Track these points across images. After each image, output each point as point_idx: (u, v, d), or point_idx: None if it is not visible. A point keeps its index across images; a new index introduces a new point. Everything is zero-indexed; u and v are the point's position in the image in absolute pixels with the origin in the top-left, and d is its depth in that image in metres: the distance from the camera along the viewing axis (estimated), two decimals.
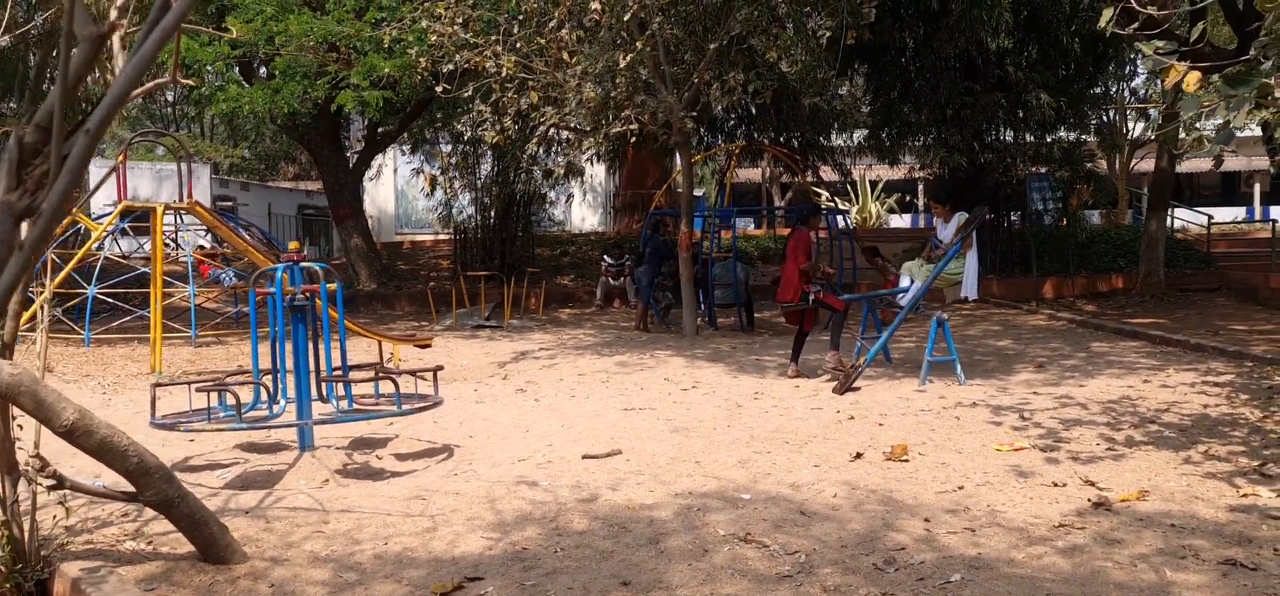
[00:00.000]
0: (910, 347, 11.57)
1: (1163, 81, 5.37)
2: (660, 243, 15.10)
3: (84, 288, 12.75)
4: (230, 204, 32.72)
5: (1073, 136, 19.00)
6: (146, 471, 3.84)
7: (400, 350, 10.90)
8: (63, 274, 11.40)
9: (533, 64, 11.23)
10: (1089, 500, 5.04)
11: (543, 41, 10.93)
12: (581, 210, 29.67)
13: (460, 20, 10.80)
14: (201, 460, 6.66)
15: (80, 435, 3.69)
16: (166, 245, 15.83)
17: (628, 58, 10.63)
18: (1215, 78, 5.30)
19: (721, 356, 11.40)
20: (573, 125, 12.19)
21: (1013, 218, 19.04)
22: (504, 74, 10.74)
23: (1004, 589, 3.87)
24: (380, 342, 10.97)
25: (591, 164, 22.29)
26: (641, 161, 22.05)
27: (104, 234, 11.71)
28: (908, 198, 27.09)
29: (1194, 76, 5.31)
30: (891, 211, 26.73)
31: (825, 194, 27.81)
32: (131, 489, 3.91)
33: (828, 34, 10.98)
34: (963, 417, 7.33)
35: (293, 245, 6.78)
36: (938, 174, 18.73)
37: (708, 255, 15.03)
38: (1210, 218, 20.95)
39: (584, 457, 6.18)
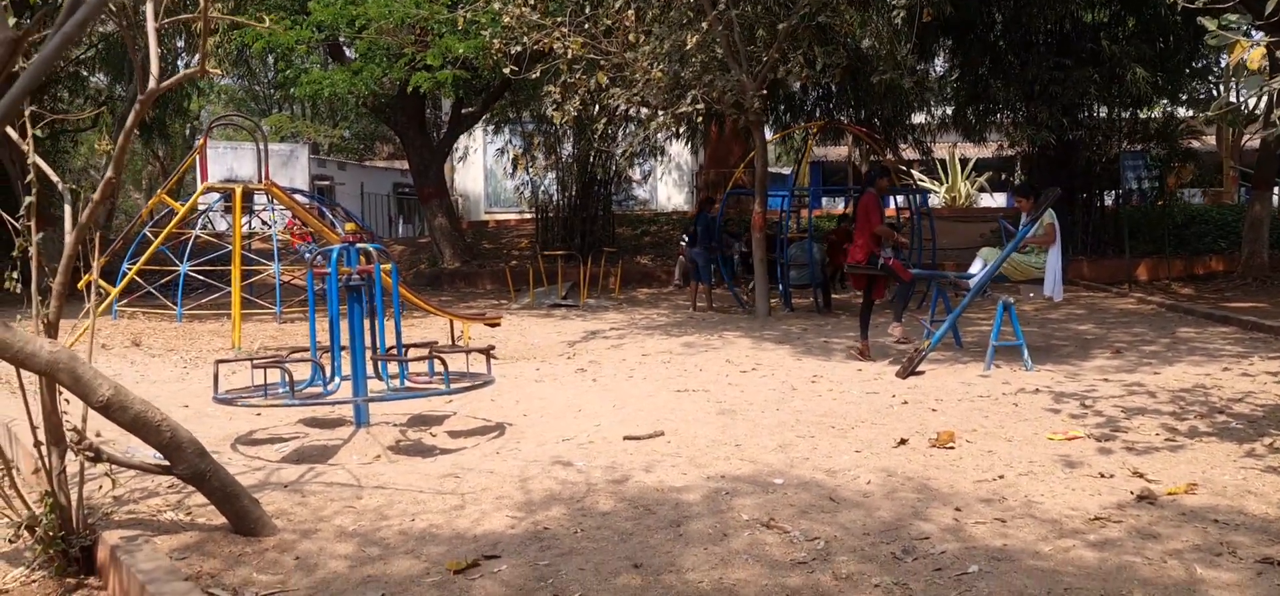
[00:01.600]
0: (985, 331, 11.30)
1: (1228, 58, 5.15)
2: (709, 220, 15.13)
3: (177, 265, 13.28)
4: (328, 183, 33.68)
5: (1170, 111, 18.26)
6: (179, 446, 4.01)
7: (470, 329, 11.10)
8: (149, 253, 11.91)
9: (601, 44, 11.28)
10: (1133, 492, 4.88)
11: (610, 22, 10.96)
12: (666, 189, 29.67)
13: (530, 1, 10.90)
14: (264, 434, 6.91)
15: (115, 410, 3.87)
16: (266, 224, 16.42)
17: (695, 38, 10.58)
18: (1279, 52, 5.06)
19: (790, 338, 11.32)
20: (647, 104, 12.18)
21: (1106, 198, 18.41)
22: (570, 56, 10.80)
23: (1021, 582, 3.78)
24: (451, 321, 11.18)
25: (671, 143, 22.28)
26: (725, 140, 21.92)
27: (186, 213, 12.17)
28: (1003, 176, 26.40)
29: (1258, 53, 5.08)
30: (982, 190, 26.06)
31: (916, 172, 27.32)
32: (166, 462, 4.08)
33: (903, 12, 10.75)
34: (1021, 404, 7.15)
35: (349, 226, 6.97)
36: (1026, 152, 18.22)
37: (784, 235, 14.93)
38: None
39: (625, 438, 6.23)
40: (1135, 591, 3.67)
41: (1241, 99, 5.17)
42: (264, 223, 16.52)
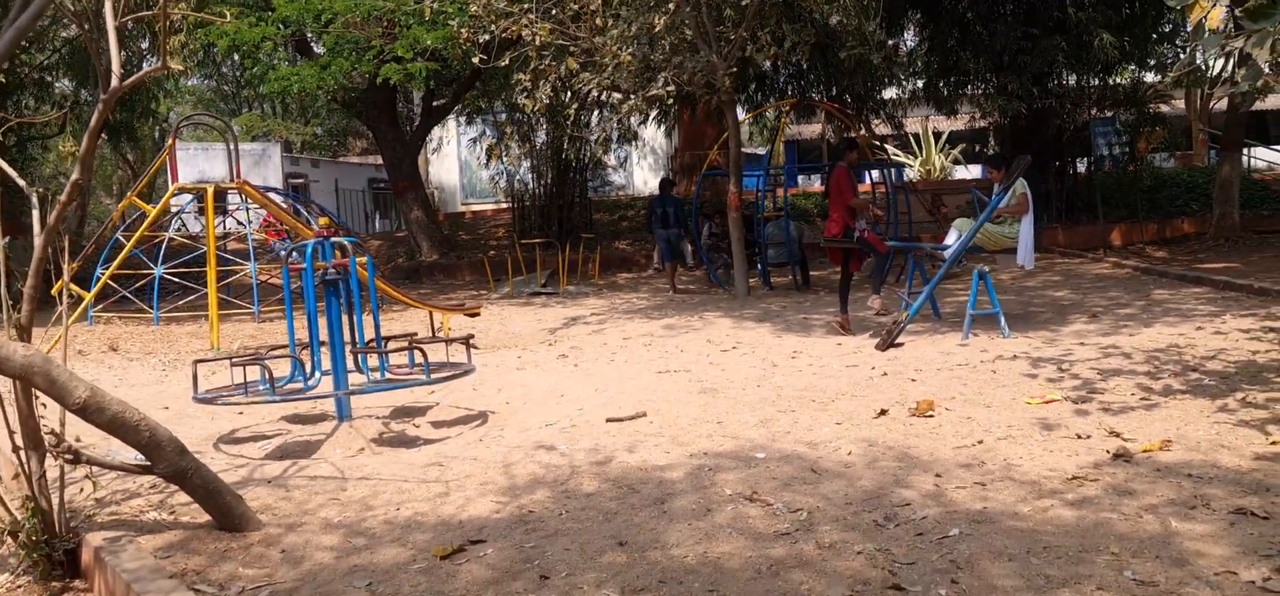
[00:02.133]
0: (963, 301, 11.38)
1: (1187, 17, 5.20)
2: (671, 200, 15.64)
3: (151, 268, 13.20)
4: (301, 181, 33.47)
5: (1137, 76, 18.42)
6: (159, 445, 4.01)
7: (450, 319, 11.09)
8: (122, 257, 11.82)
9: (570, 30, 11.26)
10: (1109, 452, 4.95)
11: (577, 7, 10.94)
12: (643, 173, 29.66)
13: None
14: (247, 432, 6.89)
15: (92, 412, 3.86)
16: (241, 224, 16.32)
17: (663, 19, 10.58)
18: (1238, 11, 5.11)
19: (769, 316, 11.37)
20: (618, 88, 12.18)
21: (1078, 165, 18.56)
22: (538, 42, 10.78)
23: (1001, 542, 3.83)
24: (430, 313, 11.16)
25: (644, 126, 22.27)
26: (698, 122, 21.91)
27: (158, 215, 12.08)
28: (977, 147, 26.58)
29: (1216, 12, 5.14)
30: (956, 162, 26.20)
31: (890, 147, 27.43)
32: (147, 462, 4.07)
33: None
34: (999, 371, 7.22)
35: (322, 221, 6.95)
36: (997, 123, 18.33)
37: (760, 214, 14.98)
38: None
39: (608, 421, 6.25)
40: (1112, 546, 3.72)
41: (1204, 60, 5.20)
42: (238, 222, 16.43)
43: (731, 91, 12.57)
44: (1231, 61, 5.41)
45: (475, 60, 11.23)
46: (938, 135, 26.09)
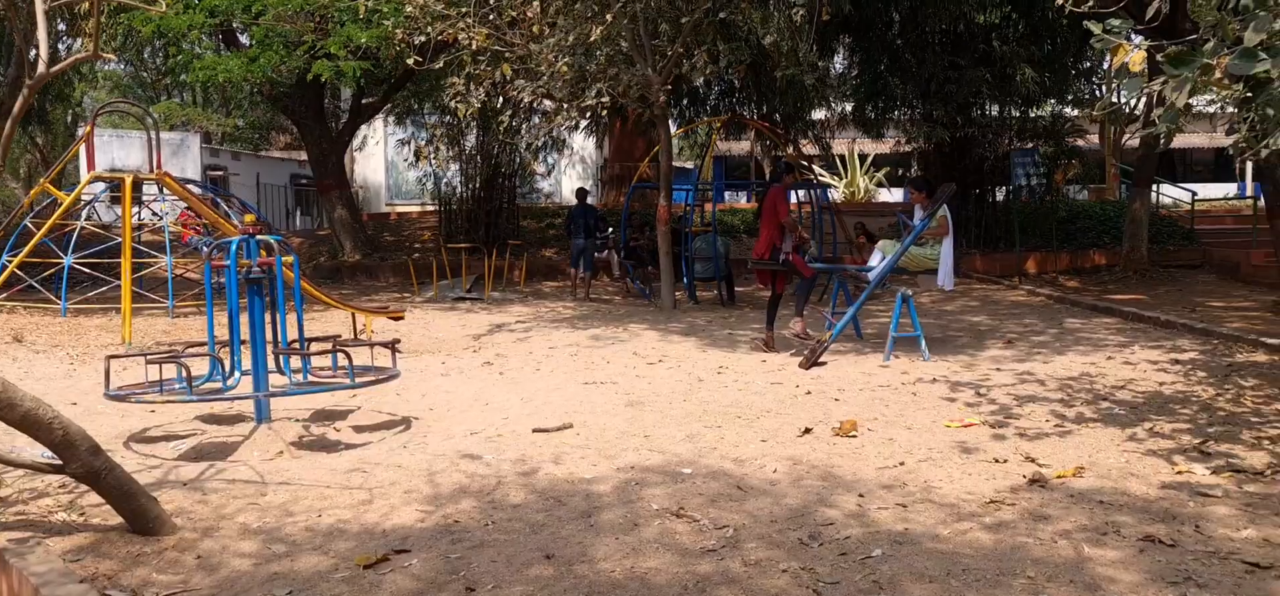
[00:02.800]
0: (885, 323, 11.59)
1: (1111, 60, 5.37)
2: (587, 210, 16.21)
3: (61, 257, 12.76)
4: (221, 173, 32.70)
5: (1057, 110, 18.98)
6: (71, 443, 3.87)
7: (373, 322, 10.92)
8: (31, 245, 11.41)
9: (506, 36, 11.20)
10: (1025, 476, 5.08)
11: (515, 14, 10.90)
12: (570, 181, 29.60)
13: None
14: (159, 431, 6.70)
15: (3, 407, 3.71)
16: (156, 216, 15.86)
17: (599, 30, 10.59)
18: (1160, 57, 5.29)
19: (695, 330, 11.43)
20: (552, 96, 12.15)
21: (997, 193, 19.05)
22: (474, 47, 10.71)
23: (922, 564, 3.91)
24: (353, 314, 10.99)
25: (572, 135, 22.27)
26: (629, 134, 22.00)
27: (71, 204, 11.69)
28: (901, 171, 27.11)
29: (1138, 56, 5.31)
30: (880, 185, 26.69)
31: (817, 168, 27.80)
32: (59, 461, 3.93)
33: (801, 11, 10.94)
34: (920, 393, 7.37)
35: (248, 218, 6.80)
36: (922, 149, 18.72)
37: (689, 228, 15.07)
38: (1194, 194, 20.95)
39: (534, 431, 6.22)
40: (1028, 570, 3.82)
41: (1123, 100, 5.41)
42: (155, 214, 15.98)
43: (664, 106, 12.63)
44: (1149, 102, 5.60)
45: (410, 61, 11.10)
46: (863, 158, 26.54)
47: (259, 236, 6.60)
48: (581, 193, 16.55)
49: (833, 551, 4.07)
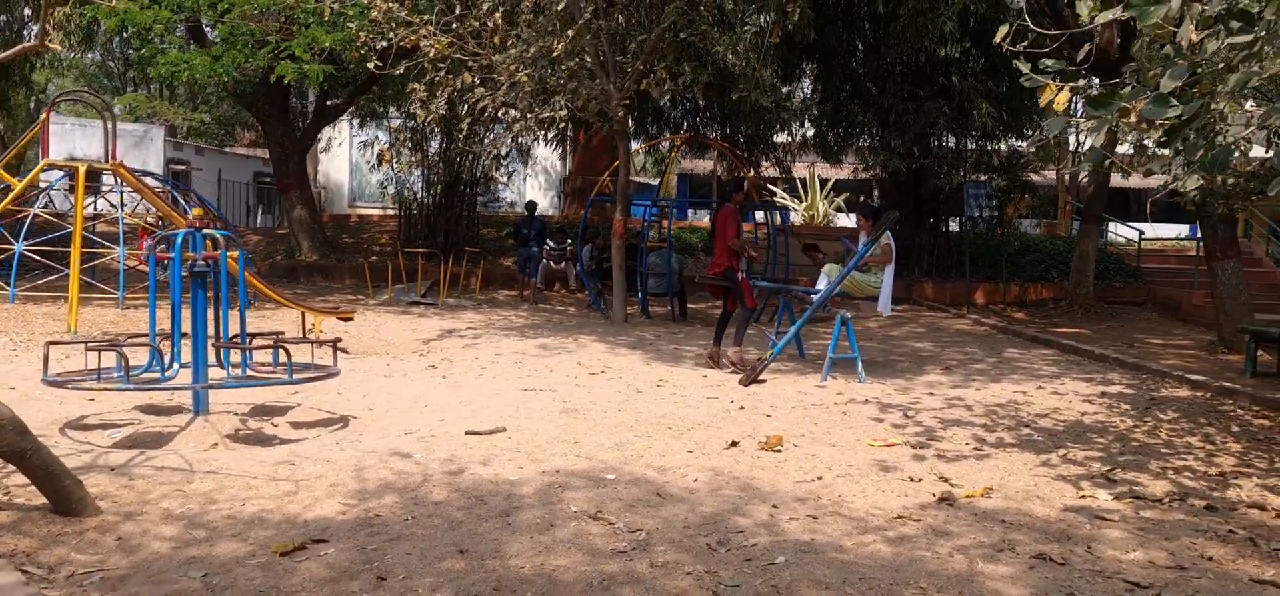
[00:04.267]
0: (827, 344, 11.80)
1: (1039, 100, 5.60)
2: (533, 221, 17.55)
3: (12, 244, 12.71)
4: (184, 168, 32.46)
5: (1013, 145, 19.38)
6: None
7: (322, 321, 10.98)
8: None
9: (469, 45, 11.34)
10: (935, 495, 5.27)
11: (477, 24, 11.04)
12: (533, 192, 29.72)
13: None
14: (96, 419, 6.74)
15: None
16: (113, 206, 15.79)
17: (561, 44, 10.76)
18: (1082, 100, 5.53)
19: (643, 344, 11.59)
20: (513, 106, 12.30)
21: (951, 224, 19.40)
22: (433, 55, 10.84)
23: (822, 572, 4.07)
24: (303, 313, 11.03)
25: (537, 146, 22.42)
26: (592, 148, 22.16)
27: (24, 190, 11.67)
28: (862, 197, 27.51)
29: (1063, 97, 5.55)
30: (839, 210, 27.05)
31: (778, 190, 28.12)
32: None
33: (751, 33, 11.17)
34: (850, 413, 7.56)
35: (196, 212, 6.88)
36: (878, 176, 19.04)
37: (643, 243, 15.25)
38: (1141, 233, 21.42)
39: (467, 433, 6.34)
40: (921, 581, 4.00)
41: (1050, 138, 5.64)
42: (111, 205, 15.92)
43: (624, 121, 12.81)
44: (1092, 141, 5.84)
45: (371, 66, 11.21)
46: (823, 182, 26.90)
47: (205, 230, 6.68)
48: (531, 205, 17.19)
49: (738, 557, 4.22)
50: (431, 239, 19.41)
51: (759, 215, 16.68)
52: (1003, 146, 19.51)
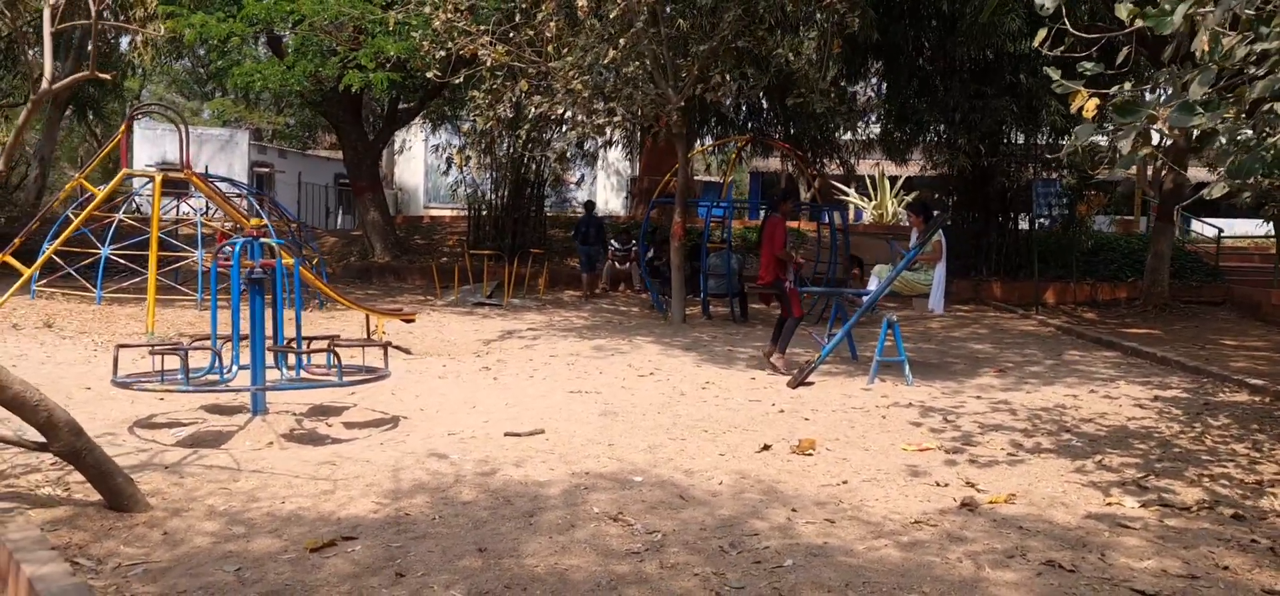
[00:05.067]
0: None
1: (1070, 105, 5.61)
2: (591, 220, 18.33)
3: (99, 248, 13.36)
4: (267, 170, 33.51)
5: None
6: (55, 425, 4.27)
7: (384, 324, 11.35)
8: (65, 234, 12.00)
9: (525, 53, 11.60)
10: (957, 500, 5.32)
11: (531, 33, 11.30)
12: (605, 193, 30.04)
13: (460, 8, 11.21)
14: (164, 418, 7.13)
15: None
16: (194, 211, 16.47)
17: (613, 52, 10.95)
18: (1109, 106, 5.52)
19: (698, 346, 11.72)
20: (569, 112, 12.54)
21: (1021, 222, 19.13)
22: (490, 64, 11.12)
23: (828, 575, 4.18)
24: (367, 315, 11.41)
25: (607, 149, 22.69)
26: (660, 149, 22.34)
27: (106, 197, 12.28)
28: (935, 195, 27.23)
29: (1092, 103, 5.56)
30: (909, 208, 26.80)
31: (850, 191, 27.98)
32: (43, 440, 4.34)
33: (811, 39, 11.23)
34: (890, 417, 7.60)
35: (253, 222, 7.23)
36: (945, 174, 18.86)
37: (706, 243, 15.38)
38: (1220, 231, 20.81)
39: (506, 435, 6.56)
40: (924, 586, 4.08)
41: (1078, 145, 5.60)
42: (193, 209, 16.60)
43: (681, 125, 12.96)
44: (1127, 145, 5.82)
45: (430, 74, 11.55)
46: (893, 180, 26.68)
47: (262, 239, 7.03)
48: (588, 204, 17.62)
49: (748, 560, 4.35)
50: (499, 240, 19.80)
51: (837, 217, 16.65)
52: (1103, 142, 19.13)
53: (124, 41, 27.68)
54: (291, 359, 7.01)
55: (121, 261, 13.86)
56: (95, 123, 33.56)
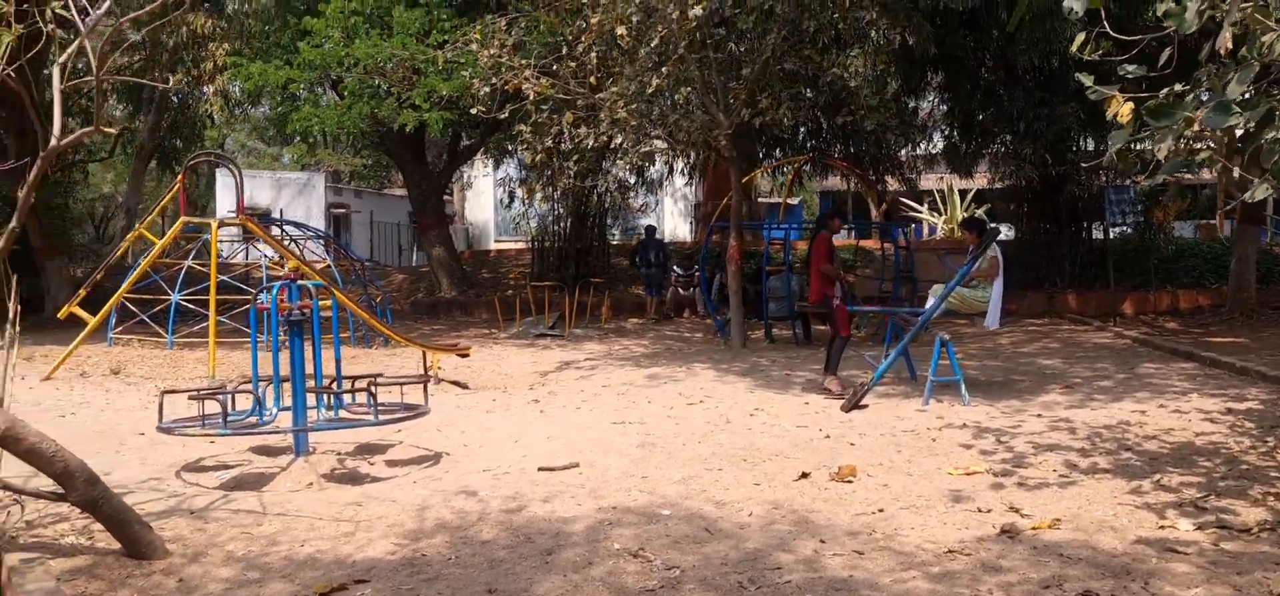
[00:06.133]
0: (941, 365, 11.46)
1: (1105, 110, 5.37)
2: (650, 244, 18.45)
3: (169, 294, 13.72)
4: (343, 211, 34.25)
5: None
6: (71, 475, 4.33)
7: (439, 359, 11.41)
8: (129, 283, 12.34)
9: (569, 86, 11.63)
10: (998, 527, 5.08)
11: (574, 65, 11.32)
12: (672, 219, 30.00)
13: (498, 45, 11.29)
14: (212, 461, 7.21)
15: (10, 442, 4.19)
16: (265, 258, 16.87)
17: (656, 81, 10.91)
18: (1144, 109, 5.28)
19: (756, 371, 11.54)
20: (614, 140, 12.53)
21: (1094, 231, 18.53)
22: (532, 97, 11.16)
23: None
24: (424, 351, 11.49)
25: (674, 176, 22.66)
26: (722, 173, 22.23)
27: (166, 246, 12.61)
28: (1013, 206, 26.62)
29: (1127, 108, 5.32)
30: (963, 226, 26.24)
31: (922, 208, 27.48)
32: (61, 490, 4.40)
33: (860, 59, 11.07)
34: (940, 439, 7.35)
35: (291, 264, 7.31)
36: (1014, 185, 18.38)
37: (767, 266, 15.20)
38: None
39: (540, 470, 6.49)
40: None
41: (1114, 151, 5.35)
42: (264, 253, 16.98)
43: (731, 148, 12.85)
44: (1165, 151, 5.56)
45: (474, 110, 11.65)
46: (964, 194, 26.13)
47: (299, 281, 7.09)
48: (649, 228, 17.73)
49: (767, 595, 4.20)
50: (562, 271, 19.87)
51: (910, 232, 16.37)
52: (1149, 147, 18.52)
53: (205, 92, 28.59)
54: (330, 399, 7.04)
55: (191, 306, 14.21)
56: (177, 172, 34.74)
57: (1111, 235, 17.98)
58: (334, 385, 7.26)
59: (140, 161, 23.38)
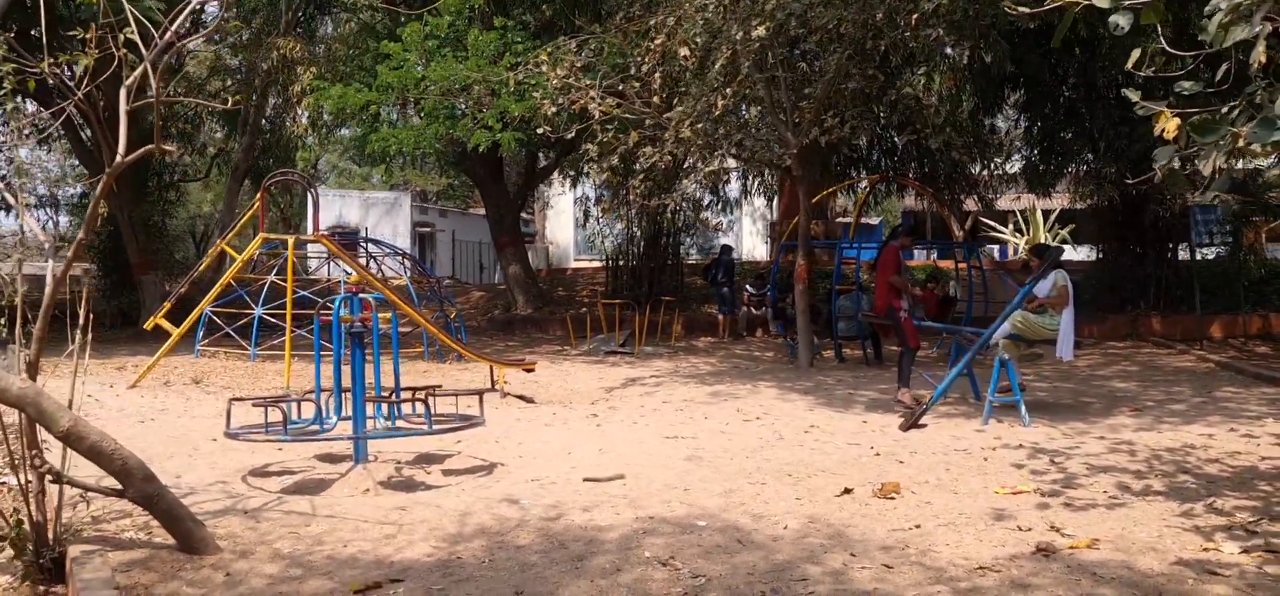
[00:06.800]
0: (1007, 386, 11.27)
1: (1154, 127, 5.31)
2: (722, 262, 18.82)
3: (253, 308, 14.26)
4: (428, 230, 34.99)
5: (1249, 164, 17.77)
6: (129, 472, 4.59)
7: (505, 373, 11.63)
8: (212, 296, 12.85)
9: (635, 105, 11.79)
10: (1034, 546, 5.03)
11: (637, 86, 11.48)
12: (751, 238, 29.99)
13: (564, 68, 11.53)
14: (278, 467, 7.51)
15: (74, 439, 4.47)
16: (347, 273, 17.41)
17: (721, 102, 11.01)
18: (1188, 125, 5.21)
19: (820, 389, 11.50)
20: (680, 160, 12.65)
21: (1180, 252, 17.98)
22: (597, 117, 11.35)
23: None
24: (491, 366, 11.74)
25: (753, 196, 22.70)
26: (795, 192, 22.19)
27: (245, 262, 13.10)
28: (1095, 227, 25.99)
29: (1173, 124, 5.26)
30: (1064, 242, 25.59)
31: (1006, 230, 27.01)
32: (120, 487, 4.66)
33: (923, 78, 11.02)
34: (992, 459, 7.26)
35: (352, 279, 7.58)
36: (1095, 205, 17.97)
37: (833, 287, 15.14)
38: None
39: (585, 480, 6.61)
40: None
41: (1158, 168, 5.27)
42: (345, 270, 17.52)
43: (799, 167, 12.86)
44: (1212, 168, 5.47)
45: (541, 130, 11.89)
46: (1047, 214, 25.60)
47: (360, 294, 7.35)
48: (725, 247, 17.87)
49: None
50: (635, 288, 20.03)
51: (991, 252, 16.16)
52: (1239, 165, 17.94)
53: (300, 115, 29.59)
54: (386, 408, 7.28)
55: (273, 320, 14.73)
56: (276, 192, 35.99)
57: (1198, 256, 17.41)
58: (392, 395, 7.49)
59: (235, 181, 24.30)
